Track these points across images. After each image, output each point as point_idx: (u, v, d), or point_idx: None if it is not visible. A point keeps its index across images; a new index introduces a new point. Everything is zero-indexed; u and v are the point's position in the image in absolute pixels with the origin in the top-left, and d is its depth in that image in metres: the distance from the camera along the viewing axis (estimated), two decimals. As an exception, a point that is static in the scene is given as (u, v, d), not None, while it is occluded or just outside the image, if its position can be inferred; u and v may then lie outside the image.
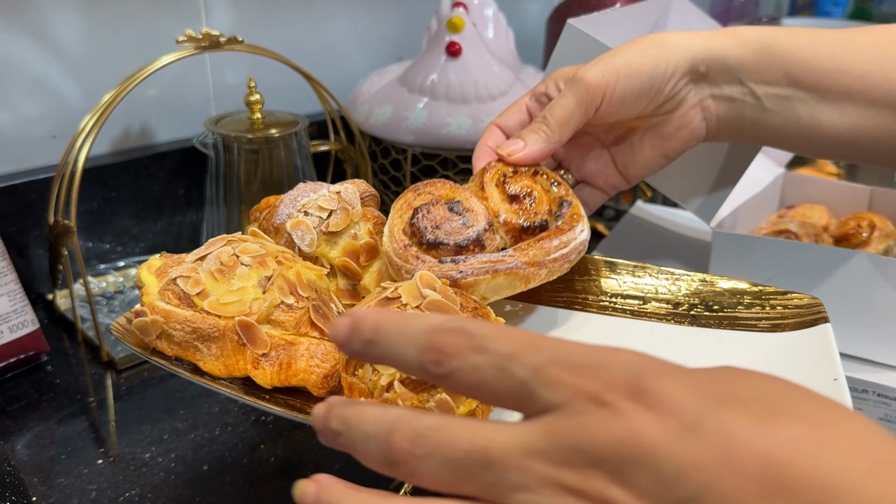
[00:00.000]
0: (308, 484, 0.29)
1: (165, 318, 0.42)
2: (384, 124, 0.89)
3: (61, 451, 0.63)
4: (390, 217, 0.49)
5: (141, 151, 0.89)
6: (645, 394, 0.25)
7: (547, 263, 0.47)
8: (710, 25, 0.84)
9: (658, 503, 0.24)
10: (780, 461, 0.24)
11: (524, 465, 0.26)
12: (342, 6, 1.06)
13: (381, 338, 0.29)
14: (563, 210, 0.50)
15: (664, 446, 0.24)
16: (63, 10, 0.81)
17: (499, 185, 0.50)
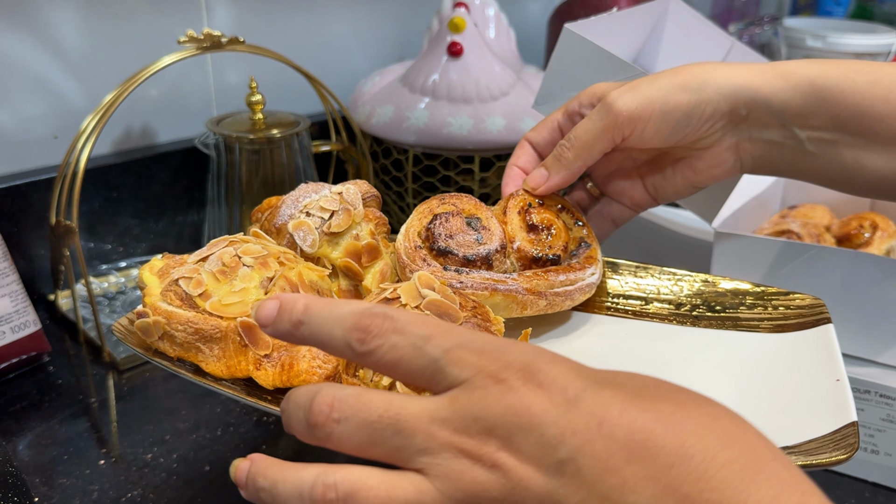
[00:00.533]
0: (242, 461, 0.34)
1: (167, 319, 0.42)
2: (385, 124, 0.89)
3: (63, 451, 0.63)
4: (410, 217, 0.51)
5: (142, 152, 0.89)
6: (536, 374, 0.29)
7: (547, 295, 0.47)
8: (708, 28, 0.84)
9: (540, 465, 0.28)
10: (644, 430, 0.28)
11: (429, 431, 0.29)
12: (343, 6, 1.06)
13: (310, 318, 0.31)
14: (580, 250, 0.50)
15: (547, 415, 0.28)
16: (64, 10, 0.81)
17: (521, 213, 0.52)
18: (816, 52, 1.33)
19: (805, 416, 0.40)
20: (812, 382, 0.43)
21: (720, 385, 0.45)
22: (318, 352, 0.42)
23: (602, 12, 1.09)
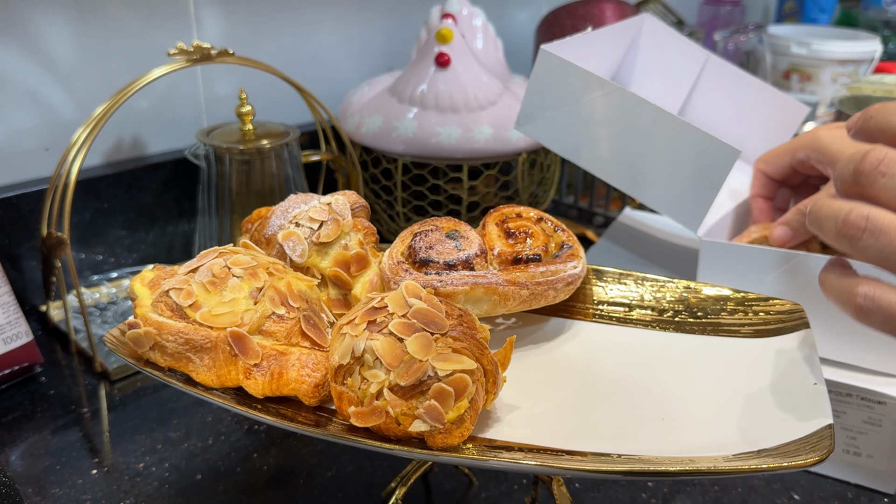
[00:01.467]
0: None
1: (158, 330, 0.43)
2: (375, 134, 0.90)
3: (55, 461, 0.63)
4: (394, 243, 0.52)
5: (133, 163, 0.90)
6: None
7: (529, 285, 0.48)
8: (682, 43, 0.85)
9: None
10: None
11: None
12: (332, 17, 1.07)
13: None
14: (562, 251, 0.51)
15: None
16: (55, 23, 0.82)
17: (499, 224, 0.53)
18: (801, 58, 1.35)
19: (783, 419, 0.41)
20: (790, 386, 0.44)
21: (701, 389, 0.46)
22: (308, 360, 0.43)
23: (588, 22, 1.11)
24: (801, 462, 0.36)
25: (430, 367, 0.39)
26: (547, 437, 0.42)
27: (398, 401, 0.39)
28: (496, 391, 0.42)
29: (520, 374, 0.48)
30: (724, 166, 0.59)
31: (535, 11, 1.35)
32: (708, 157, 0.59)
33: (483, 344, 0.41)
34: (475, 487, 0.61)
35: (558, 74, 0.66)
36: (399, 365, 0.39)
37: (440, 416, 0.38)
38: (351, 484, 0.61)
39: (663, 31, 0.85)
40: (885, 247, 0.34)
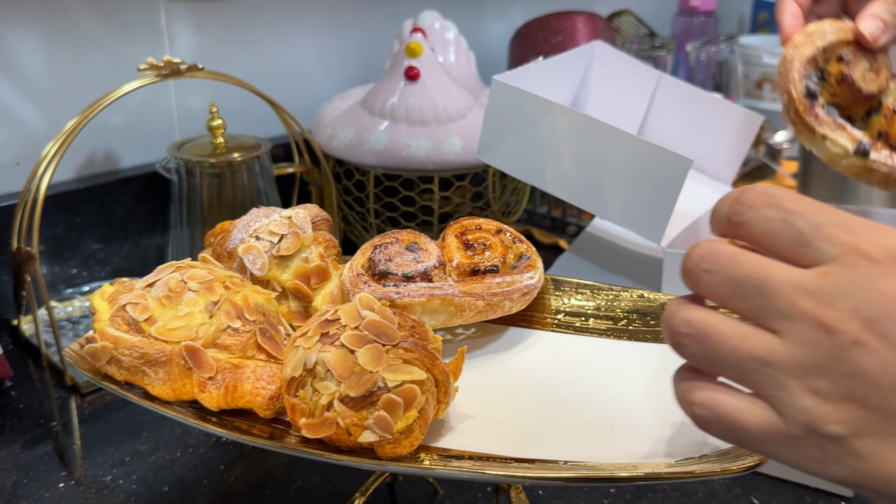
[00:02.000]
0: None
1: (114, 344, 0.44)
2: (346, 146, 0.91)
3: (23, 475, 0.63)
4: (355, 255, 0.52)
5: (105, 177, 0.91)
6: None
7: (485, 296, 0.49)
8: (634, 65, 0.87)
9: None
10: None
11: (793, 298, 0.30)
12: (306, 31, 1.07)
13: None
14: (520, 262, 0.52)
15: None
16: (27, 39, 0.83)
17: (458, 236, 0.53)
18: (773, 68, 1.37)
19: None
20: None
21: (651, 396, 0.47)
22: (262, 373, 0.44)
23: (560, 34, 1.12)
24: (738, 466, 0.37)
25: (381, 378, 0.39)
26: (500, 445, 0.43)
27: (348, 412, 0.39)
28: (448, 401, 0.43)
29: (476, 383, 0.49)
30: (678, 177, 0.60)
31: (510, 24, 1.36)
32: (662, 170, 0.61)
33: (434, 354, 0.42)
34: (440, 496, 0.62)
35: (512, 103, 0.68)
36: (350, 376, 0.40)
37: (389, 426, 0.39)
38: (317, 495, 0.62)
39: (614, 56, 0.87)
40: (711, 350, 0.31)
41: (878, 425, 0.29)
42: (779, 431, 0.30)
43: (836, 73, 0.57)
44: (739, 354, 0.31)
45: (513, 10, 1.38)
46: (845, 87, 0.56)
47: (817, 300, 0.29)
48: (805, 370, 0.29)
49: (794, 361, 0.30)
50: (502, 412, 0.47)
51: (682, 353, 0.32)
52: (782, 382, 0.30)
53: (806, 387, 0.29)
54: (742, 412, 0.31)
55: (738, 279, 0.31)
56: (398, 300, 0.48)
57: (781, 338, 0.30)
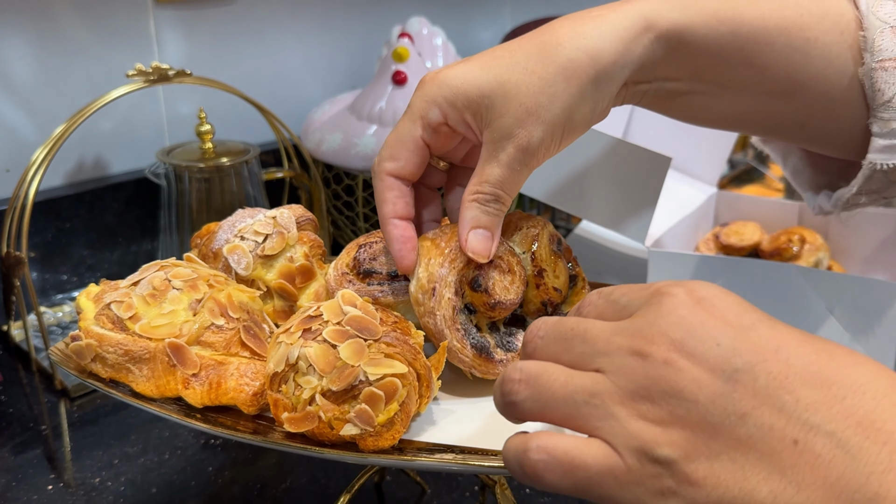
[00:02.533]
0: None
1: (99, 342, 0.44)
2: (335, 151, 0.91)
3: (12, 478, 0.64)
4: (340, 254, 0.52)
5: (95, 183, 0.91)
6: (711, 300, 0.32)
7: None
8: None
9: (713, 369, 0.30)
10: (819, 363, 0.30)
11: (609, 338, 0.33)
12: (295, 38, 1.08)
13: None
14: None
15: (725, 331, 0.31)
16: (15, 46, 0.83)
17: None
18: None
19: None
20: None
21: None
22: (246, 370, 0.44)
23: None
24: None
25: (362, 372, 0.40)
26: (483, 439, 0.44)
27: (330, 405, 0.40)
28: (430, 395, 0.43)
29: (458, 378, 0.49)
30: (658, 176, 0.60)
31: (498, 30, 1.37)
32: (642, 169, 0.61)
33: (416, 349, 0.43)
34: (427, 495, 0.62)
35: None
36: (331, 371, 0.40)
37: (370, 419, 0.39)
38: (304, 495, 0.62)
39: None
40: (541, 393, 0.33)
41: (704, 445, 0.29)
42: (616, 466, 0.30)
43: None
44: (568, 388, 0.32)
45: (501, 16, 1.39)
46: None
47: (629, 334, 0.32)
48: (628, 396, 0.31)
49: (618, 389, 0.31)
50: (485, 407, 0.47)
51: (512, 400, 0.34)
52: (610, 411, 0.31)
53: (632, 412, 0.31)
54: (579, 449, 0.31)
55: (564, 333, 0.34)
56: (381, 298, 0.48)
57: (604, 373, 0.32)
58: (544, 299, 0.49)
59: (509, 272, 0.48)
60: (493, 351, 0.47)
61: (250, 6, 1.02)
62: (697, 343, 0.30)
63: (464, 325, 0.46)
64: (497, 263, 0.47)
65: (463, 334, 0.46)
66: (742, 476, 0.29)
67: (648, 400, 0.30)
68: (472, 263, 0.46)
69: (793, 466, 0.28)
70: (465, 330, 0.46)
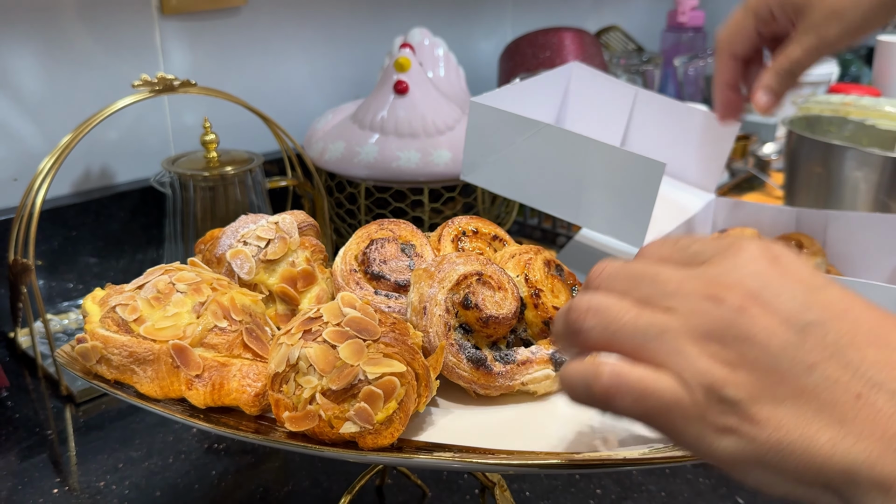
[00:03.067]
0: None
1: (104, 344, 0.45)
2: (338, 160, 0.92)
3: (18, 482, 0.64)
4: (349, 241, 0.53)
5: (101, 192, 0.92)
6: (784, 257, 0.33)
7: None
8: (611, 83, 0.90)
9: (785, 320, 0.31)
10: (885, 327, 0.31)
11: (681, 281, 0.33)
12: (299, 48, 1.10)
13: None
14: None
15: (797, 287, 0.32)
16: (23, 57, 0.85)
17: (454, 241, 0.54)
18: (761, 82, 1.39)
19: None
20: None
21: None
22: (248, 371, 0.45)
23: (548, 50, 1.14)
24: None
25: (361, 371, 0.41)
26: (482, 439, 0.44)
27: (330, 404, 0.41)
28: (428, 394, 0.44)
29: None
30: (653, 181, 0.61)
31: (499, 41, 1.39)
32: (637, 175, 0.62)
33: (415, 349, 0.43)
34: (428, 498, 0.63)
35: (491, 123, 0.71)
36: (331, 370, 0.41)
37: (369, 417, 0.40)
38: (306, 498, 0.63)
39: (592, 76, 0.89)
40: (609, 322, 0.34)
41: (770, 390, 0.30)
42: (684, 399, 0.31)
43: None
44: (638, 321, 0.33)
45: (502, 27, 1.41)
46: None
47: (704, 280, 0.33)
48: (700, 336, 0.32)
49: (689, 329, 0.32)
50: (483, 407, 0.48)
51: (579, 328, 0.34)
52: (680, 348, 0.32)
53: (703, 351, 0.31)
54: (651, 378, 0.32)
55: (632, 273, 0.35)
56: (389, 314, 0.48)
57: (674, 312, 0.33)
58: (545, 318, 0.50)
59: (500, 289, 0.48)
60: (491, 364, 0.47)
61: (255, 18, 1.03)
62: (772, 295, 0.31)
63: (458, 342, 0.47)
64: (486, 281, 0.48)
65: (458, 349, 0.47)
66: (804, 422, 0.30)
67: (720, 342, 0.31)
68: (461, 284, 0.47)
69: (853, 419, 0.29)
70: (459, 345, 0.47)
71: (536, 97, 0.85)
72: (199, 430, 0.71)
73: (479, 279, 0.48)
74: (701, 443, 0.32)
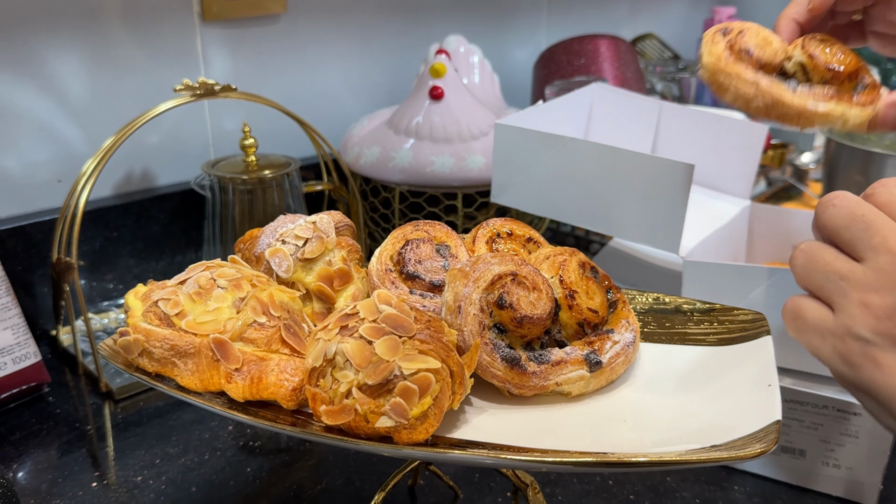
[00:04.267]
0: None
1: (146, 337, 0.46)
2: (373, 164, 0.93)
3: (58, 475, 0.66)
4: (385, 241, 0.54)
5: (142, 194, 0.94)
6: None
7: None
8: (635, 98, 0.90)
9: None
10: None
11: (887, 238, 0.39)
12: (335, 56, 1.11)
13: None
14: None
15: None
16: (68, 62, 0.87)
17: (488, 242, 0.55)
18: (798, 91, 1.37)
19: (737, 417, 0.43)
20: (748, 388, 0.45)
21: (664, 393, 0.48)
22: (286, 366, 0.46)
23: (583, 57, 1.14)
24: (746, 453, 0.38)
25: (397, 367, 0.41)
26: (515, 436, 0.44)
27: (366, 399, 0.41)
28: (463, 392, 0.44)
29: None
30: (684, 184, 0.61)
31: (534, 49, 1.39)
32: (667, 180, 0.62)
33: (449, 346, 0.44)
34: (460, 500, 0.63)
35: (517, 143, 0.71)
36: (367, 365, 0.41)
37: (405, 412, 0.40)
38: (339, 497, 0.63)
39: (615, 94, 0.90)
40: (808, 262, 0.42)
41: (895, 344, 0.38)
42: (826, 326, 0.40)
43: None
44: (828, 268, 0.41)
45: (537, 35, 1.41)
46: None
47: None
48: (868, 289, 0.39)
49: (864, 281, 0.39)
50: (518, 407, 0.48)
51: (793, 264, 0.43)
52: (847, 293, 0.40)
53: (862, 300, 0.39)
54: (808, 306, 0.42)
55: (854, 214, 0.40)
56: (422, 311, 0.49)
57: (863, 265, 0.40)
58: (580, 320, 0.50)
59: (534, 290, 0.48)
60: (526, 364, 0.47)
61: (293, 25, 1.05)
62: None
63: (493, 341, 0.47)
64: (521, 282, 0.48)
65: (492, 348, 0.47)
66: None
67: (881, 296, 0.39)
68: (496, 284, 0.47)
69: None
70: (493, 344, 0.47)
71: (560, 118, 0.86)
72: (234, 427, 0.72)
73: (513, 279, 0.48)
74: (831, 361, 0.41)
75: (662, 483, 0.65)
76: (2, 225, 0.83)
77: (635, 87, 1.21)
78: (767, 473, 0.66)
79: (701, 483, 0.65)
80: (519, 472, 0.55)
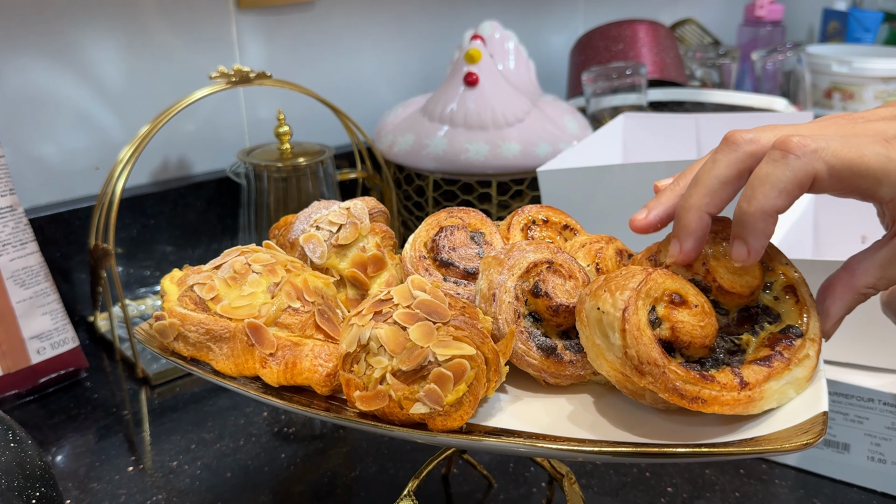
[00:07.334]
0: None
1: (181, 321, 0.46)
2: (407, 152, 0.93)
3: (95, 459, 0.67)
4: (419, 228, 0.53)
5: (178, 182, 0.95)
6: None
7: None
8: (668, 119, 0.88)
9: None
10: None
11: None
12: (369, 43, 1.11)
13: None
14: None
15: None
16: (105, 50, 0.88)
17: (524, 230, 0.54)
18: (842, 76, 1.34)
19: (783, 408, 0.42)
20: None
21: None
22: (320, 352, 0.45)
23: (620, 43, 1.13)
24: (789, 446, 0.37)
25: (431, 353, 0.40)
26: (551, 425, 0.44)
27: (400, 385, 0.41)
28: (498, 379, 0.44)
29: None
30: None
31: (571, 34, 1.37)
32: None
33: (484, 333, 0.43)
34: (494, 489, 0.62)
35: (563, 184, 0.72)
36: (401, 351, 0.41)
37: (439, 398, 0.40)
38: (373, 484, 0.63)
39: (644, 119, 0.89)
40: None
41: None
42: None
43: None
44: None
45: (574, 20, 1.39)
46: None
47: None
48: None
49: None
50: (554, 396, 0.47)
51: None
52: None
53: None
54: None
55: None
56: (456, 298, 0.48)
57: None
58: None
59: (571, 278, 0.47)
60: (562, 353, 0.47)
61: (328, 12, 1.04)
62: None
63: (528, 329, 0.46)
64: (557, 269, 0.47)
65: (527, 336, 0.46)
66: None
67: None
68: (531, 271, 0.46)
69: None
70: (528, 332, 0.46)
71: (596, 154, 0.85)
72: (269, 413, 0.72)
73: (549, 267, 0.47)
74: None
75: (701, 476, 0.64)
76: (41, 212, 0.84)
77: (674, 74, 1.19)
78: (809, 467, 0.64)
79: (741, 476, 0.64)
80: (554, 461, 0.54)
